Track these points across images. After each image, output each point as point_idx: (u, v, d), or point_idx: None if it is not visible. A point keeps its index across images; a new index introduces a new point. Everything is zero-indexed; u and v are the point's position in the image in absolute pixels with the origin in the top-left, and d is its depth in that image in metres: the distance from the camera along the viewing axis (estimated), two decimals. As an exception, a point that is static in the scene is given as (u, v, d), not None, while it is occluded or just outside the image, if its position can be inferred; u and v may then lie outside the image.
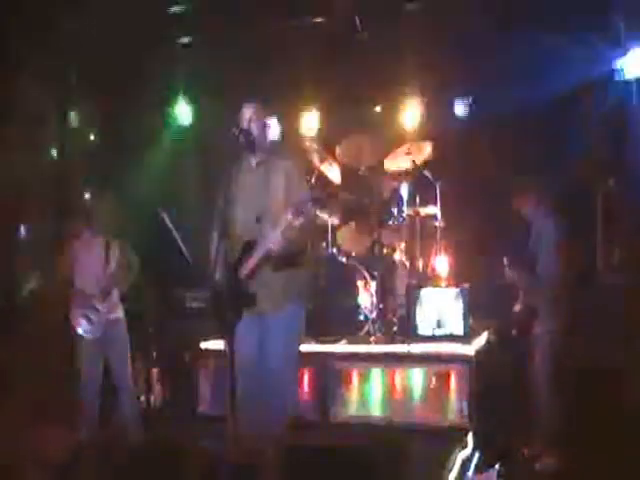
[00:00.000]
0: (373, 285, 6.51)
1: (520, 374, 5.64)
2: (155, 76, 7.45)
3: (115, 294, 5.83)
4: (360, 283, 6.44)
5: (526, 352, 5.55)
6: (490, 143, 7.18)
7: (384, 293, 6.74)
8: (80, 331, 5.68)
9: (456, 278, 6.94)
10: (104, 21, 6.48)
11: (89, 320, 5.68)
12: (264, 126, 4.57)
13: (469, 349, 5.93)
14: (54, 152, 7.47)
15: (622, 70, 6.72)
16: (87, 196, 6.09)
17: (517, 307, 5.69)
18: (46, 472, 4.21)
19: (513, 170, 6.58)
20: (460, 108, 7.55)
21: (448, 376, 5.75)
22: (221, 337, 4.53)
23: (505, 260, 5.51)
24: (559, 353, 5.38)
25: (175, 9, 6.89)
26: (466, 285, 6.42)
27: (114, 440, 5.61)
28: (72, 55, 6.83)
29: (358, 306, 6.41)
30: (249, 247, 4.38)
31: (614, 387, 5.74)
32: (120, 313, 5.85)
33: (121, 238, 5.81)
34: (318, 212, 6.73)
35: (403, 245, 6.95)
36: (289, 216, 4.16)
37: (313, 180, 6.98)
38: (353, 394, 5.96)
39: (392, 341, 6.35)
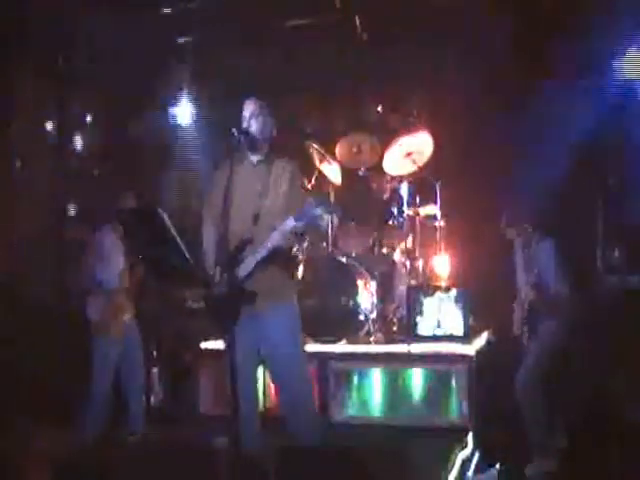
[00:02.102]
0: (373, 285, 6.51)
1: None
2: (156, 75, 7.45)
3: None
4: (360, 283, 6.43)
5: (526, 352, 5.56)
6: (490, 142, 7.19)
7: (384, 293, 6.74)
8: (111, 330, 5.67)
9: (456, 278, 6.94)
10: (105, 20, 6.48)
11: (115, 319, 5.70)
12: (264, 123, 4.55)
13: (469, 349, 5.93)
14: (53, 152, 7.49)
15: (623, 69, 6.72)
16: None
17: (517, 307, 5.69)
18: (47, 470, 4.21)
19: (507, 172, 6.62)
20: (459, 108, 7.54)
21: (448, 376, 5.75)
22: (220, 336, 4.54)
23: (504, 218, 5.53)
24: (555, 354, 5.39)
25: (176, 8, 6.89)
26: (466, 285, 6.43)
27: (115, 440, 5.63)
28: (73, 54, 6.83)
29: (358, 306, 6.41)
30: (244, 246, 4.36)
31: (612, 391, 5.75)
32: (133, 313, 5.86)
33: None
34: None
35: (403, 245, 6.95)
36: (292, 221, 4.17)
37: (313, 180, 6.98)
38: (353, 394, 5.96)
39: (392, 341, 6.35)
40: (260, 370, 4.69)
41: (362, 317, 6.40)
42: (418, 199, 6.93)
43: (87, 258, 5.80)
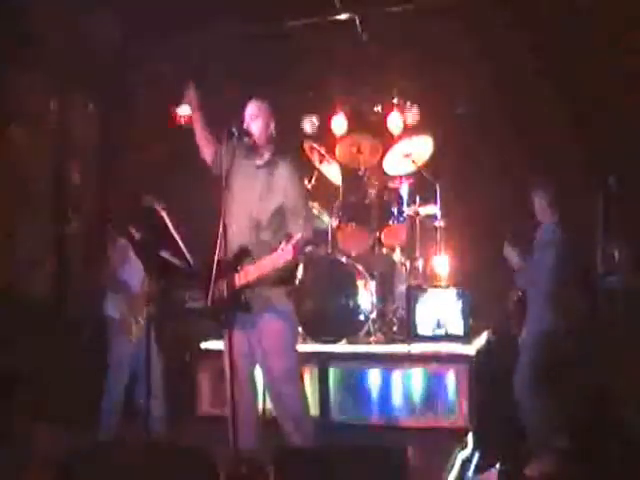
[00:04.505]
0: (373, 285, 6.51)
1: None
2: (157, 75, 7.45)
3: None
4: (360, 283, 6.43)
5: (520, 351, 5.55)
6: (490, 143, 7.19)
7: (384, 293, 6.75)
8: (128, 331, 5.67)
9: (456, 278, 6.94)
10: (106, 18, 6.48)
11: (137, 322, 5.70)
12: (265, 125, 4.54)
13: (469, 349, 5.93)
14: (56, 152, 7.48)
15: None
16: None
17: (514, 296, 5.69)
18: (49, 470, 4.21)
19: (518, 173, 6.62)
20: (460, 108, 7.55)
21: (448, 376, 5.75)
22: (219, 337, 4.56)
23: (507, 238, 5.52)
24: (550, 354, 5.38)
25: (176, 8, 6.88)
26: (466, 285, 6.43)
27: (118, 440, 5.63)
28: (74, 54, 6.82)
29: (358, 306, 6.40)
30: (243, 254, 4.36)
31: (612, 391, 5.74)
32: None
33: None
34: (318, 212, 6.74)
35: (403, 245, 6.95)
36: (286, 252, 4.14)
37: (313, 180, 6.98)
38: (353, 394, 5.96)
39: (392, 341, 6.36)
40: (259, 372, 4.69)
41: (362, 317, 6.39)
42: (418, 199, 6.93)
43: (110, 258, 5.79)
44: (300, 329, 6.34)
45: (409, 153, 7.01)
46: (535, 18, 6.69)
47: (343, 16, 7.13)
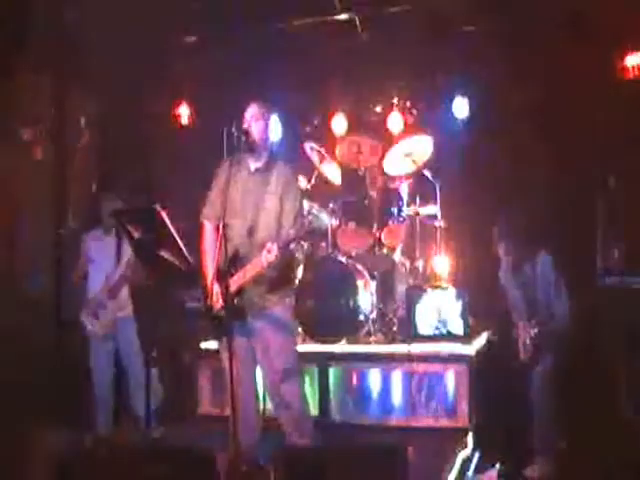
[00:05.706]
0: (373, 285, 6.51)
1: (520, 374, 5.63)
2: (157, 75, 7.44)
3: (125, 292, 5.87)
4: (360, 283, 6.43)
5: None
6: (490, 143, 7.20)
7: (384, 293, 6.75)
8: (88, 328, 5.73)
9: (456, 278, 6.94)
10: (106, 18, 6.47)
11: (97, 317, 5.74)
12: (265, 127, 4.54)
13: (469, 349, 5.93)
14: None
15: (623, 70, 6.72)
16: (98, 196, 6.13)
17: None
18: (46, 470, 4.21)
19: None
20: (460, 108, 7.54)
21: (448, 376, 5.75)
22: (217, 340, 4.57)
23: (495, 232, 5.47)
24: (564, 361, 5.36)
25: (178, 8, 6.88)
26: (466, 285, 6.42)
27: (119, 439, 5.64)
28: (73, 53, 6.82)
29: (358, 306, 6.40)
30: (238, 258, 4.36)
31: (613, 391, 5.74)
32: (129, 311, 5.90)
33: None
34: (317, 212, 6.74)
35: (403, 245, 6.95)
36: (275, 249, 4.16)
37: (313, 180, 6.98)
38: (353, 394, 5.96)
39: (392, 341, 6.35)
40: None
41: (362, 317, 6.38)
42: (418, 199, 6.93)
43: (78, 261, 5.89)
44: (300, 329, 6.34)
45: (409, 153, 7.01)
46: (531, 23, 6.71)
47: (343, 16, 7.13)
